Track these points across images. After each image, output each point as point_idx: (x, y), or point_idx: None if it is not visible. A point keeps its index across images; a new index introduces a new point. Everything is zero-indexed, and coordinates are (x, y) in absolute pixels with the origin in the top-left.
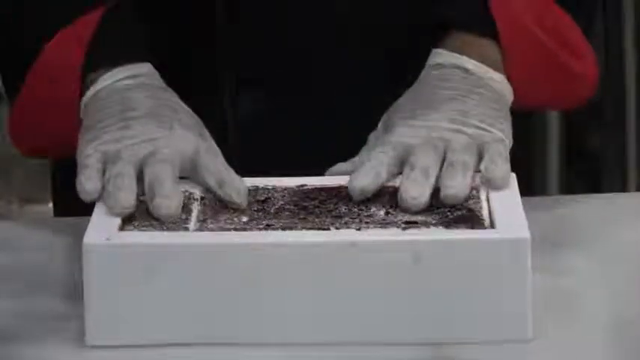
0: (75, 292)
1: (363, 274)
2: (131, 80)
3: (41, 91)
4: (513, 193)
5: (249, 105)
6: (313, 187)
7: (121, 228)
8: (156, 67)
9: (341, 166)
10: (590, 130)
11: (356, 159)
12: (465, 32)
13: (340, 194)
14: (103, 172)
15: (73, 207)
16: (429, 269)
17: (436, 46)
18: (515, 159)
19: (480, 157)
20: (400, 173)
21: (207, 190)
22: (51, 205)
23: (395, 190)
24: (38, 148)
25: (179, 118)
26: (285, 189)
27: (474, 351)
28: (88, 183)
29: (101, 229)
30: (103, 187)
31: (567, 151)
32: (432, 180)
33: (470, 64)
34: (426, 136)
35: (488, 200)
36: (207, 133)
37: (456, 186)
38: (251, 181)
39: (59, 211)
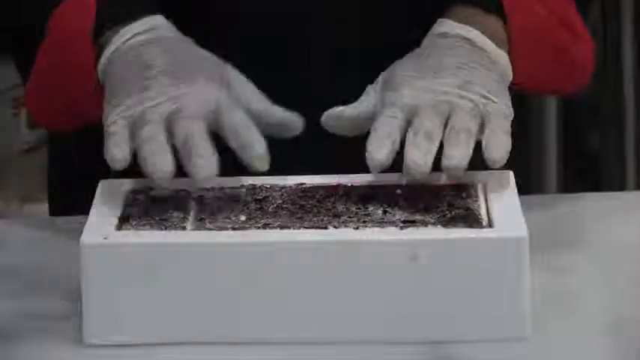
0: (73, 292)
1: (361, 273)
2: (144, 35)
3: (54, 58)
4: (511, 192)
5: None
6: (311, 185)
7: (118, 227)
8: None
9: (343, 110)
10: (588, 128)
11: (356, 105)
12: (471, 7)
13: (338, 193)
14: (131, 137)
15: (69, 205)
16: (427, 268)
17: (441, 17)
18: (513, 158)
19: (482, 126)
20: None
21: (204, 189)
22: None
23: (392, 190)
24: (57, 120)
25: (198, 68)
26: (284, 187)
27: (472, 349)
28: (116, 150)
29: (98, 228)
30: (134, 155)
31: (565, 150)
32: (436, 145)
33: (476, 36)
34: (431, 99)
35: (485, 199)
36: (228, 76)
37: (458, 157)
38: (249, 180)
39: (54, 210)
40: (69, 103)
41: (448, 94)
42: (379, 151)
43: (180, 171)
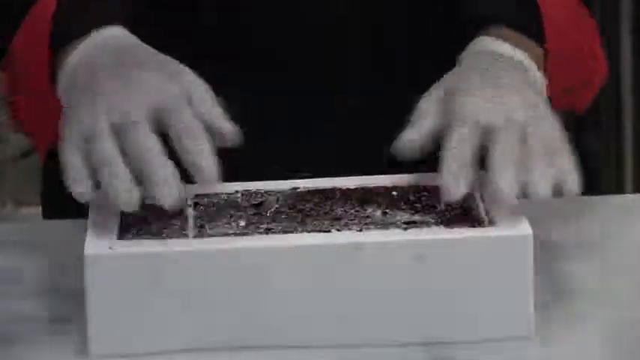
0: (71, 295)
1: (366, 275)
2: (97, 49)
3: (22, 83)
4: None
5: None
6: (306, 189)
7: (119, 237)
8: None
9: (411, 139)
10: (586, 130)
11: (418, 128)
12: (514, 30)
13: (334, 196)
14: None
15: (62, 208)
16: (432, 268)
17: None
18: None
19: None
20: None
21: (199, 195)
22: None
23: (389, 192)
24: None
25: (145, 62)
26: (279, 192)
27: (476, 349)
28: (77, 187)
29: (100, 238)
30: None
31: None
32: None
33: (527, 61)
34: (504, 117)
35: (482, 198)
36: (182, 74)
37: (542, 187)
38: (243, 185)
39: (47, 213)
40: (47, 115)
41: (517, 112)
42: (457, 184)
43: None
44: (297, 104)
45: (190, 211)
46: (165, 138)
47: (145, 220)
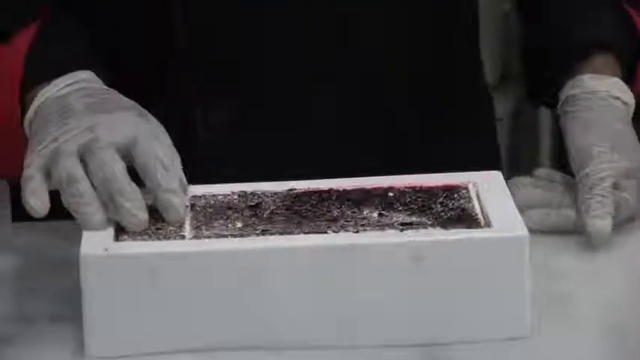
0: (69, 295)
1: (363, 276)
2: (69, 88)
3: None
4: (503, 192)
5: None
6: (302, 191)
7: (116, 238)
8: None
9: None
10: None
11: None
12: (611, 56)
13: (330, 198)
14: (48, 174)
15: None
16: (428, 270)
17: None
18: (507, 160)
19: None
20: None
21: (195, 196)
22: None
23: (385, 193)
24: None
25: (117, 102)
26: (275, 194)
27: (472, 350)
28: (32, 199)
29: (96, 240)
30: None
31: (560, 152)
32: None
33: (626, 95)
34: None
35: (478, 199)
36: (150, 117)
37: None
38: (238, 187)
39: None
40: (8, 158)
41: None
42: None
43: None
44: (295, 105)
45: (187, 213)
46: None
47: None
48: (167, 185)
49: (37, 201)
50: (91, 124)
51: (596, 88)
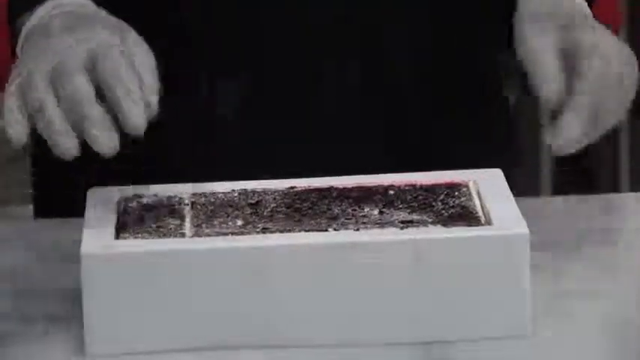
0: (69, 294)
1: (364, 274)
2: (55, 10)
3: None
4: (503, 189)
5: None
6: (303, 189)
7: (117, 236)
8: None
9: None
10: None
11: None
12: None
13: (331, 195)
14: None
15: (55, 207)
16: (429, 268)
17: None
18: (506, 160)
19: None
20: None
21: (196, 194)
22: (31, 207)
23: (385, 191)
24: None
25: (94, 20)
26: (275, 191)
27: (473, 348)
28: (12, 130)
29: (96, 238)
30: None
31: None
32: None
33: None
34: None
35: (479, 197)
36: (128, 35)
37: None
38: (240, 185)
39: (39, 212)
40: None
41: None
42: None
43: (172, 177)
44: (293, 104)
45: (187, 210)
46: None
47: (142, 219)
48: (124, 93)
49: (15, 133)
50: (61, 47)
51: None
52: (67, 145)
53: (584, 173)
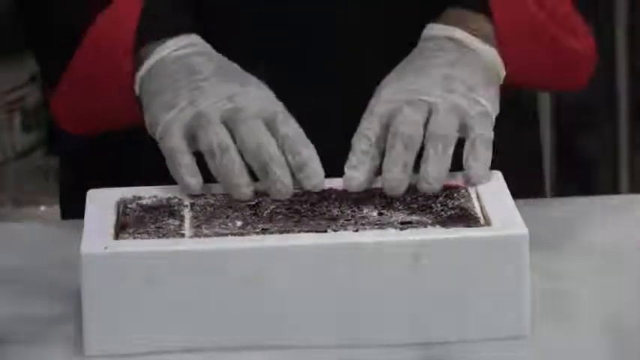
0: (69, 294)
1: (363, 275)
2: (188, 49)
3: (92, 67)
4: (502, 191)
5: None
6: (302, 190)
7: (116, 237)
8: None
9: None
10: (581, 131)
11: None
12: (458, 9)
13: (330, 197)
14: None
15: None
16: (429, 268)
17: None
18: (506, 161)
19: (463, 126)
20: None
21: (195, 195)
22: (43, 207)
23: (384, 192)
24: (85, 126)
25: (248, 75)
26: None
27: (472, 348)
28: (189, 180)
29: (96, 238)
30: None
31: (558, 153)
32: (416, 150)
33: (462, 36)
34: (410, 99)
35: (478, 198)
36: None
37: (436, 177)
38: None
39: (66, 212)
40: (103, 111)
41: (427, 94)
42: (354, 173)
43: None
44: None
45: (187, 212)
46: None
47: (142, 220)
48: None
49: (193, 179)
50: (230, 94)
51: (433, 33)
52: (246, 192)
53: (584, 173)
